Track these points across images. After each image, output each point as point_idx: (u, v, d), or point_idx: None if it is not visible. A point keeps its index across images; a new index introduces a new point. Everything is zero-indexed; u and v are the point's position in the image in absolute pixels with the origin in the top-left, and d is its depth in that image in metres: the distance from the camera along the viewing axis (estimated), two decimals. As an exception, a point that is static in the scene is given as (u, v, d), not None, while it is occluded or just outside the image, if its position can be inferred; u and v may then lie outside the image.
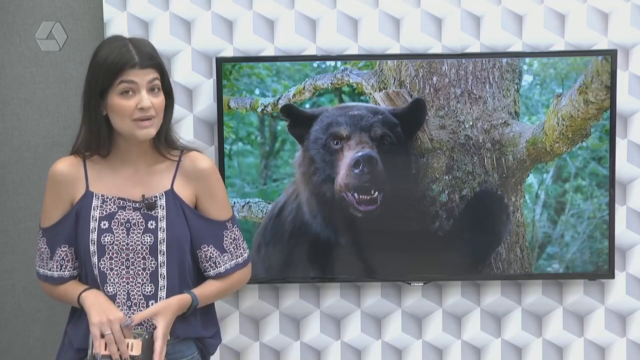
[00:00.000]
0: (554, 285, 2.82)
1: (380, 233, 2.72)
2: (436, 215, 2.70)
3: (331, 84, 2.67)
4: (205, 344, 2.24)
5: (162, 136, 2.16)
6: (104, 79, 2.06)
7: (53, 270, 2.19)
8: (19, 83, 2.82)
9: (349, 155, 2.66)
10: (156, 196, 2.15)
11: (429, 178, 2.69)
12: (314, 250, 2.74)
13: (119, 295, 2.12)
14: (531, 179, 2.70)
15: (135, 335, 2.04)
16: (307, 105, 2.68)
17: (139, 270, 2.13)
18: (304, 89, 2.67)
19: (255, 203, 2.71)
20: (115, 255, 2.12)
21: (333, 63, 2.67)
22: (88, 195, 2.15)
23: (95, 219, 2.13)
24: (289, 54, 2.72)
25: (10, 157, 2.85)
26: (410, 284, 2.78)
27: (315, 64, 2.67)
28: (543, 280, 2.80)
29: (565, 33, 2.74)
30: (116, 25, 2.70)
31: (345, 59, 2.68)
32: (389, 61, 2.66)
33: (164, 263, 2.13)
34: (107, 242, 2.12)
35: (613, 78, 2.65)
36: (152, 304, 2.12)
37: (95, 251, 2.12)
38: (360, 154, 2.65)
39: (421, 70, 2.65)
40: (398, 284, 2.82)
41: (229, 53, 2.73)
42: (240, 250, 2.23)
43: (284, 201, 2.71)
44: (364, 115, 2.65)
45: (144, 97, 2.06)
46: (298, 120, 2.67)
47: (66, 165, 2.18)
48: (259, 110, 2.68)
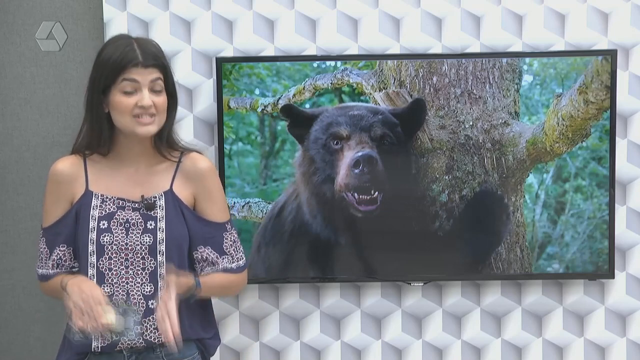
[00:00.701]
0: (554, 285, 2.82)
1: (380, 233, 2.72)
2: (436, 215, 2.70)
3: (331, 84, 2.67)
4: (206, 344, 2.24)
5: (164, 137, 2.16)
6: (107, 76, 2.07)
7: (49, 269, 2.19)
8: (19, 83, 2.82)
9: (349, 155, 2.66)
10: (155, 196, 2.15)
11: (429, 178, 2.69)
12: (314, 250, 2.74)
13: (117, 295, 2.12)
14: (531, 179, 2.70)
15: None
16: (307, 105, 2.68)
17: (138, 270, 2.12)
18: (304, 89, 2.67)
19: (255, 203, 2.71)
20: (114, 255, 2.12)
21: (333, 63, 2.67)
22: (88, 195, 2.15)
23: (94, 219, 2.13)
24: (289, 54, 2.72)
25: (10, 157, 2.85)
26: (410, 284, 2.78)
27: (315, 64, 2.67)
28: (543, 280, 2.80)
29: (565, 33, 2.74)
30: (116, 25, 2.70)
31: (345, 59, 2.68)
32: (389, 61, 2.66)
33: (163, 263, 2.13)
34: (106, 242, 2.12)
35: (613, 78, 2.65)
36: (152, 303, 2.12)
37: (94, 251, 2.12)
38: (360, 154, 2.65)
39: (421, 70, 2.65)
40: (398, 284, 2.82)
41: (229, 53, 2.73)
42: (240, 253, 2.23)
43: (284, 201, 2.71)
44: (364, 115, 2.65)
45: (144, 96, 2.06)
46: (298, 120, 2.67)
47: (66, 164, 2.18)
48: (259, 110, 2.68)
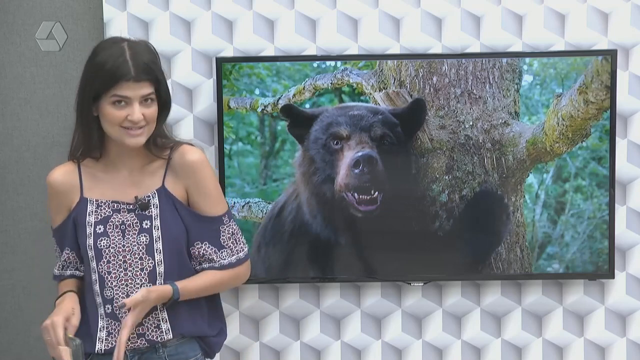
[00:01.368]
0: (554, 285, 2.82)
1: (380, 233, 2.72)
2: (436, 215, 2.70)
3: (331, 84, 2.67)
4: (210, 343, 2.23)
5: (152, 138, 2.14)
6: (98, 87, 2.05)
7: (56, 269, 2.25)
8: (19, 83, 2.82)
9: (349, 155, 2.66)
10: (149, 196, 2.15)
11: (429, 178, 2.69)
12: (314, 250, 2.74)
13: (118, 298, 2.12)
14: (531, 179, 2.70)
15: (69, 341, 2.04)
16: (307, 105, 2.68)
17: (137, 271, 2.12)
18: (304, 89, 2.67)
19: (255, 203, 2.71)
20: (112, 258, 2.12)
21: (333, 63, 2.67)
22: (83, 202, 2.16)
23: (90, 224, 2.14)
24: (289, 54, 2.72)
25: (10, 157, 2.85)
26: (410, 284, 2.78)
27: (315, 64, 2.67)
28: (543, 280, 2.80)
29: (565, 33, 2.74)
30: (116, 25, 2.70)
31: (345, 59, 2.68)
32: (389, 61, 2.66)
33: (161, 261, 2.12)
34: (104, 246, 2.12)
35: (613, 78, 2.65)
36: None
37: (93, 256, 2.13)
38: (360, 154, 2.65)
39: (421, 70, 2.65)
40: (398, 284, 2.82)
41: (229, 53, 2.73)
42: (239, 245, 2.21)
43: (284, 201, 2.71)
44: (364, 115, 2.65)
45: (135, 111, 2.04)
46: (298, 120, 2.67)
47: (60, 174, 2.19)
48: (259, 110, 2.68)
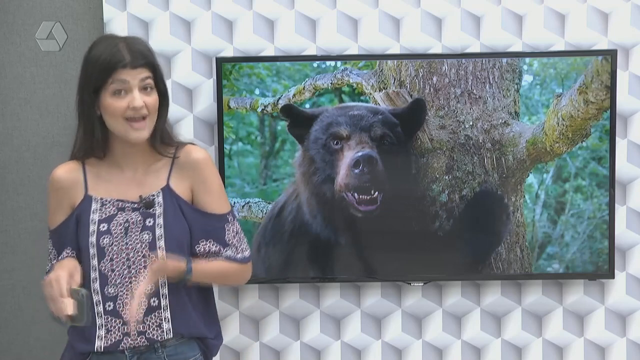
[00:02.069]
0: (554, 285, 2.82)
1: (380, 233, 2.72)
2: (436, 215, 2.70)
3: (331, 84, 2.67)
4: (208, 345, 2.23)
5: (158, 135, 2.15)
6: (96, 79, 2.06)
7: (48, 267, 2.23)
8: (19, 83, 2.82)
9: (349, 155, 2.66)
10: (153, 194, 2.15)
11: (429, 178, 2.69)
12: (314, 250, 2.74)
13: (122, 295, 2.12)
14: (531, 179, 2.70)
15: (73, 294, 2.00)
16: (307, 105, 2.68)
17: (140, 268, 2.12)
18: (304, 89, 2.67)
19: (255, 203, 2.71)
20: (115, 256, 2.12)
21: (333, 63, 2.67)
22: (87, 200, 2.16)
23: (94, 222, 2.13)
24: (289, 54, 2.72)
25: (10, 157, 2.85)
26: (410, 284, 2.78)
27: (315, 64, 2.67)
28: (543, 280, 2.80)
29: (565, 33, 2.74)
30: (116, 25, 2.70)
31: (345, 59, 2.68)
32: (389, 61, 2.66)
33: (163, 259, 2.12)
34: (106, 244, 2.12)
35: (613, 78, 2.65)
36: (154, 301, 2.12)
37: (95, 253, 2.12)
38: (360, 154, 2.65)
39: (421, 70, 2.65)
40: (398, 284, 2.82)
41: (229, 53, 2.73)
42: (243, 244, 2.22)
43: (284, 201, 2.71)
44: (364, 115, 2.65)
45: (135, 97, 2.06)
46: (298, 120, 2.67)
47: (64, 171, 2.19)
48: (259, 110, 2.68)
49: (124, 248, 2.12)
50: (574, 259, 2.74)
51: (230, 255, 2.18)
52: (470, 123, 2.67)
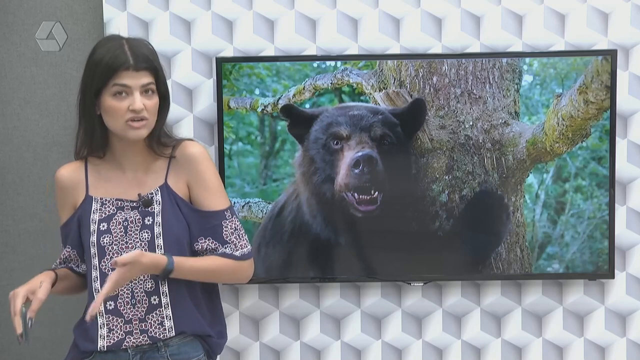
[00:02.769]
0: (554, 285, 2.82)
1: (380, 233, 2.72)
2: (436, 215, 2.70)
3: (331, 84, 2.67)
4: (211, 344, 2.23)
5: (155, 135, 2.16)
6: (99, 80, 2.07)
7: (54, 265, 2.25)
8: (19, 83, 2.82)
9: (349, 155, 2.66)
10: (152, 193, 2.15)
11: (429, 178, 2.69)
12: (314, 250, 2.74)
13: (122, 294, 2.13)
14: (531, 179, 2.70)
15: (21, 314, 2.03)
16: (307, 105, 2.68)
17: None
18: (304, 89, 2.67)
19: (255, 203, 2.71)
20: (115, 255, 2.12)
21: (333, 63, 2.67)
22: (88, 200, 2.17)
23: (94, 222, 2.14)
24: (289, 54, 2.72)
25: (10, 157, 2.85)
26: (410, 284, 2.78)
27: (315, 64, 2.67)
28: (543, 280, 2.80)
29: (565, 33, 2.74)
30: (116, 25, 2.70)
31: (345, 59, 2.68)
32: (389, 61, 2.66)
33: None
34: (106, 243, 2.12)
35: (613, 78, 2.65)
36: (154, 299, 2.13)
37: (95, 253, 2.13)
38: (360, 154, 2.65)
39: (421, 70, 2.65)
40: (398, 284, 2.82)
41: (229, 53, 2.73)
42: (243, 241, 2.21)
43: (284, 201, 2.71)
44: (364, 115, 2.65)
45: (136, 99, 2.06)
46: (298, 120, 2.67)
47: (67, 171, 2.21)
48: (259, 110, 2.68)
49: (124, 247, 2.13)
50: (574, 259, 2.74)
51: (226, 252, 2.17)
52: (470, 123, 2.67)
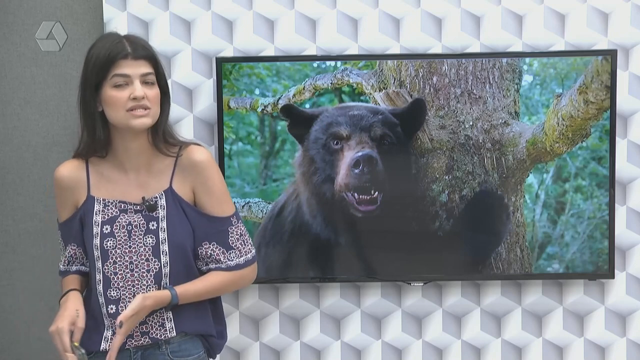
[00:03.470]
0: (554, 285, 2.82)
1: (380, 233, 2.72)
2: (436, 215, 2.70)
3: (331, 84, 2.67)
4: (212, 343, 2.23)
5: (160, 132, 2.14)
6: (98, 72, 2.06)
7: (61, 265, 2.24)
8: (19, 83, 2.82)
9: (349, 155, 2.66)
10: (156, 197, 2.14)
11: (429, 178, 2.69)
12: (314, 250, 2.74)
13: (124, 299, 2.12)
14: (531, 179, 2.70)
15: (74, 350, 2.06)
16: (307, 105, 2.68)
17: (143, 272, 2.12)
18: (304, 89, 2.67)
19: (255, 203, 2.71)
20: (118, 259, 2.12)
21: (333, 63, 2.67)
22: (90, 200, 2.15)
23: (97, 224, 2.13)
24: (289, 54, 2.72)
25: (10, 157, 2.85)
26: (410, 284, 2.78)
27: (315, 64, 2.67)
28: (543, 280, 2.80)
29: (565, 33, 2.74)
30: (116, 25, 2.70)
31: (345, 59, 2.68)
32: (389, 61, 2.66)
33: (167, 263, 2.12)
34: (110, 247, 2.12)
35: (613, 78, 2.65)
36: None
37: (99, 256, 2.12)
38: (360, 154, 2.65)
39: (421, 70, 2.66)
40: (398, 284, 2.82)
41: (229, 53, 2.73)
42: (247, 246, 2.20)
43: (284, 201, 2.71)
44: (364, 115, 2.65)
45: (136, 87, 2.05)
46: (298, 120, 2.67)
47: (67, 169, 2.18)
48: (259, 110, 2.68)
49: (127, 251, 2.12)
50: (574, 259, 2.74)
51: (231, 265, 2.17)
52: (470, 123, 2.67)
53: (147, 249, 2.11)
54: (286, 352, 2.84)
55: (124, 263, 2.11)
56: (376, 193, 2.68)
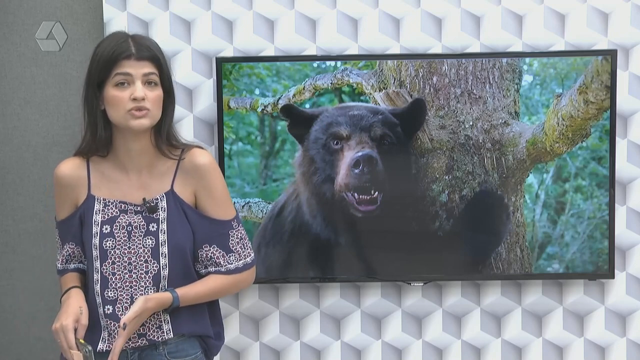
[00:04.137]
0: (554, 285, 2.82)
1: (380, 233, 2.72)
2: (436, 215, 2.70)
3: (331, 84, 2.67)
4: (209, 344, 2.23)
5: (163, 133, 2.14)
6: (101, 71, 2.06)
7: (59, 263, 2.23)
8: (19, 83, 2.82)
9: (349, 155, 2.66)
10: (157, 198, 2.14)
11: (429, 178, 2.69)
12: (314, 250, 2.74)
13: (122, 299, 2.12)
14: (531, 179, 2.70)
15: (80, 347, 2.04)
16: (307, 105, 2.68)
17: (141, 274, 2.12)
18: (304, 89, 2.67)
19: (255, 203, 2.71)
20: (117, 259, 2.11)
21: (333, 63, 2.67)
22: (90, 199, 2.15)
23: (97, 224, 2.13)
24: (289, 54, 2.72)
25: (10, 157, 2.85)
26: (410, 284, 2.78)
27: (315, 64, 2.67)
28: (543, 280, 2.80)
29: (565, 33, 2.74)
30: (116, 25, 2.70)
31: (345, 59, 2.68)
32: (389, 61, 2.66)
33: (166, 265, 2.12)
34: (109, 247, 2.11)
35: (613, 78, 2.65)
36: None
37: (97, 256, 2.11)
38: (360, 154, 2.65)
39: (421, 70, 2.65)
40: (398, 284, 2.82)
41: (229, 53, 2.73)
42: (247, 250, 2.21)
43: (284, 201, 2.71)
44: (364, 115, 2.65)
45: (137, 88, 2.05)
46: (298, 120, 2.67)
47: (68, 167, 2.17)
48: (259, 110, 2.68)
49: (126, 252, 2.12)
50: (574, 259, 2.74)
51: (230, 268, 2.17)
52: (470, 123, 2.67)
53: (147, 251, 2.11)
54: (286, 352, 2.84)
55: (122, 264, 2.11)
56: (376, 193, 2.68)
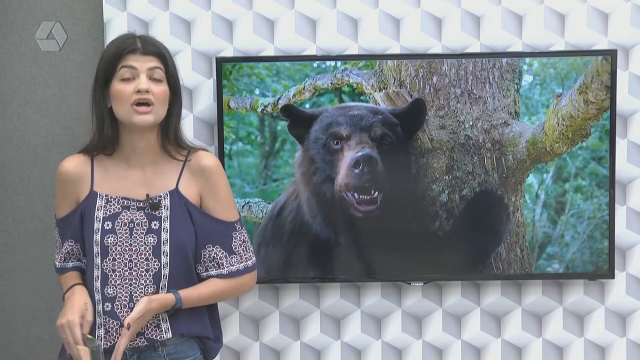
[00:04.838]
0: (554, 285, 2.82)
1: (380, 233, 2.72)
2: (436, 215, 2.70)
3: (331, 84, 2.67)
4: (208, 346, 2.23)
5: (170, 133, 2.15)
6: (107, 67, 2.09)
7: (57, 261, 2.22)
8: (19, 83, 2.82)
9: (349, 155, 2.66)
10: (160, 196, 2.14)
11: (429, 178, 2.69)
12: (314, 250, 2.74)
13: (120, 297, 2.12)
14: (531, 179, 2.70)
15: (87, 342, 2.04)
16: (307, 105, 2.68)
17: (142, 271, 2.12)
18: (304, 89, 2.67)
19: (255, 203, 2.71)
20: (118, 256, 2.11)
21: (333, 63, 2.67)
22: (92, 196, 2.15)
23: (99, 220, 2.12)
24: (289, 54, 2.72)
25: (10, 157, 2.85)
26: (410, 284, 2.78)
27: (315, 64, 2.67)
28: (543, 280, 2.80)
29: (565, 33, 2.74)
30: (116, 25, 2.70)
31: (345, 59, 2.68)
32: (389, 61, 2.66)
33: (167, 264, 2.12)
34: (110, 243, 2.11)
35: (613, 78, 2.65)
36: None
37: (98, 252, 2.11)
38: (360, 154, 2.65)
39: (421, 70, 2.66)
40: (398, 284, 2.82)
41: (229, 53, 2.73)
42: (249, 253, 2.22)
43: (284, 201, 2.71)
44: (364, 115, 2.65)
45: (142, 80, 2.06)
46: (298, 120, 2.67)
47: (72, 164, 2.18)
48: (259, 110, 2.68)
49: (127, 249, 2.12)
50: (574, 259, 2.74)
51: (232, 270, 2.18)
52: (470, 123, 2.67)
53: (148, 248, 2.11)
54: (286, 352, 2.84)
55: (123, 261, 2.11)
56: (376, 193, 2.68)
